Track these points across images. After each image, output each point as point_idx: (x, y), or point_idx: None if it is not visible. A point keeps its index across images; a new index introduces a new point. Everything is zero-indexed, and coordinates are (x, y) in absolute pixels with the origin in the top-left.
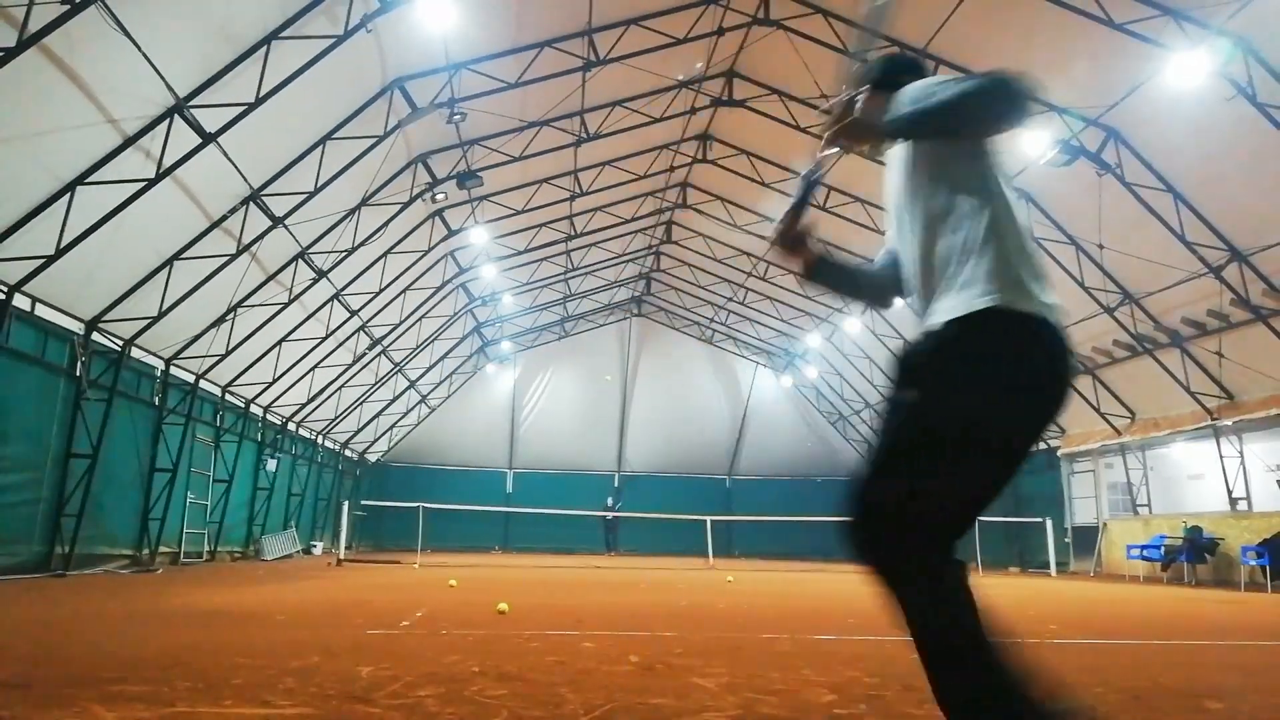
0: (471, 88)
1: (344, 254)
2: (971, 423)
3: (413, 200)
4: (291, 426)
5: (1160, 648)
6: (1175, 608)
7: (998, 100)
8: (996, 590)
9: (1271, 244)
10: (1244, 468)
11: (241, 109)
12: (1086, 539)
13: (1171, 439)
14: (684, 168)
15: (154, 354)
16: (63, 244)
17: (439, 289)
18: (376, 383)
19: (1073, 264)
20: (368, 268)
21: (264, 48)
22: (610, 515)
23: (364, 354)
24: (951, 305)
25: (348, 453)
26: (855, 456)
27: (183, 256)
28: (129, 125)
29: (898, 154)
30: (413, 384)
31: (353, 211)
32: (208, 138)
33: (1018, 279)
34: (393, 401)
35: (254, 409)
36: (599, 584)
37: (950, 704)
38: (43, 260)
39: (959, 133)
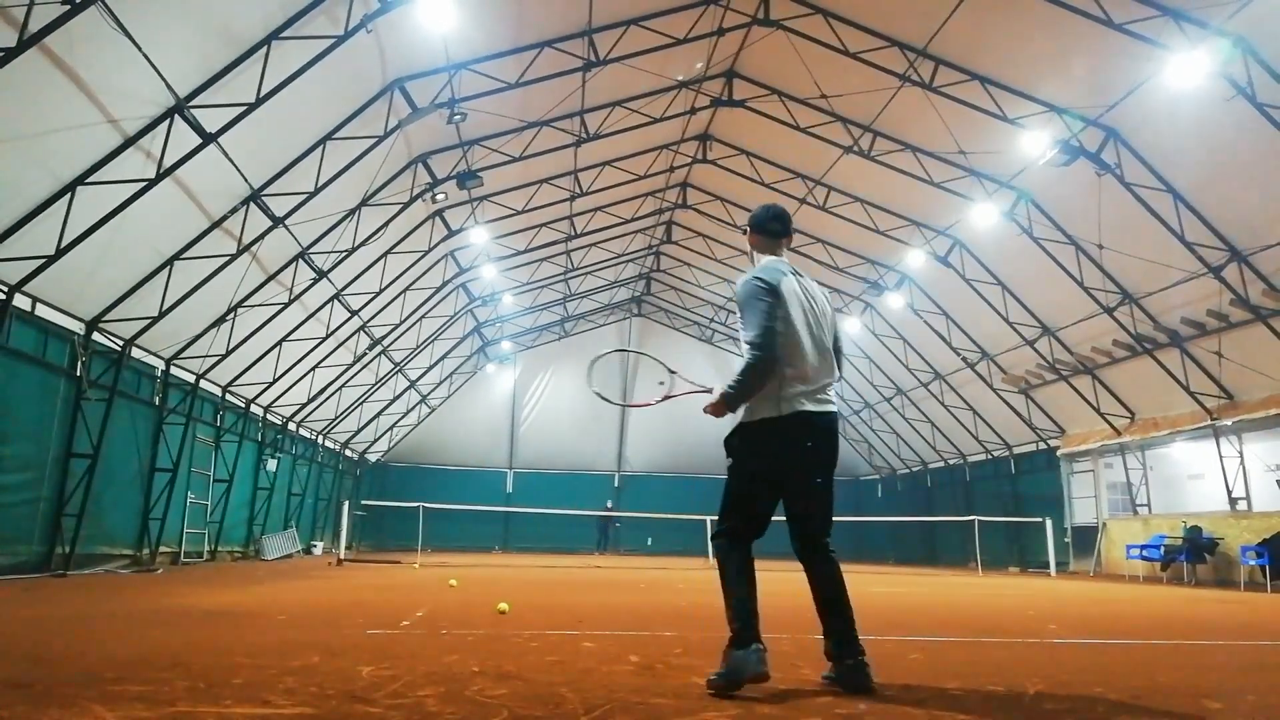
0: (472, 88)
1: (344, 254)
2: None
3: (413, 200)
4: (292, 426)
5: (1160, 648)
6: (1175, 608)
7: (749, 385)
8: (996, 590)
9: (1271, 244)
10: (1243, 467)
11: (242, 109)
12: (1086, 539)
13: (1171, 439)
14: (684, 168)
15: (154, 354)
16: (63, 244)
17: (439, 289)
18: (377, 383)
19: (1072, 264)
20: (368, 268)
21: (264, 48)
22: (608, 514)
23: (364, 354)
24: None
25: (348, 453)
26: (855, 456)
27: (183, 256)
28: (129, 125)
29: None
30: (413, 384)
31: (353, 211)
32: (208, 138)
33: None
34: (393, 401)
35: (254, 409)
36: (599, 584)
37: (850, 625)
38: (43, 260)
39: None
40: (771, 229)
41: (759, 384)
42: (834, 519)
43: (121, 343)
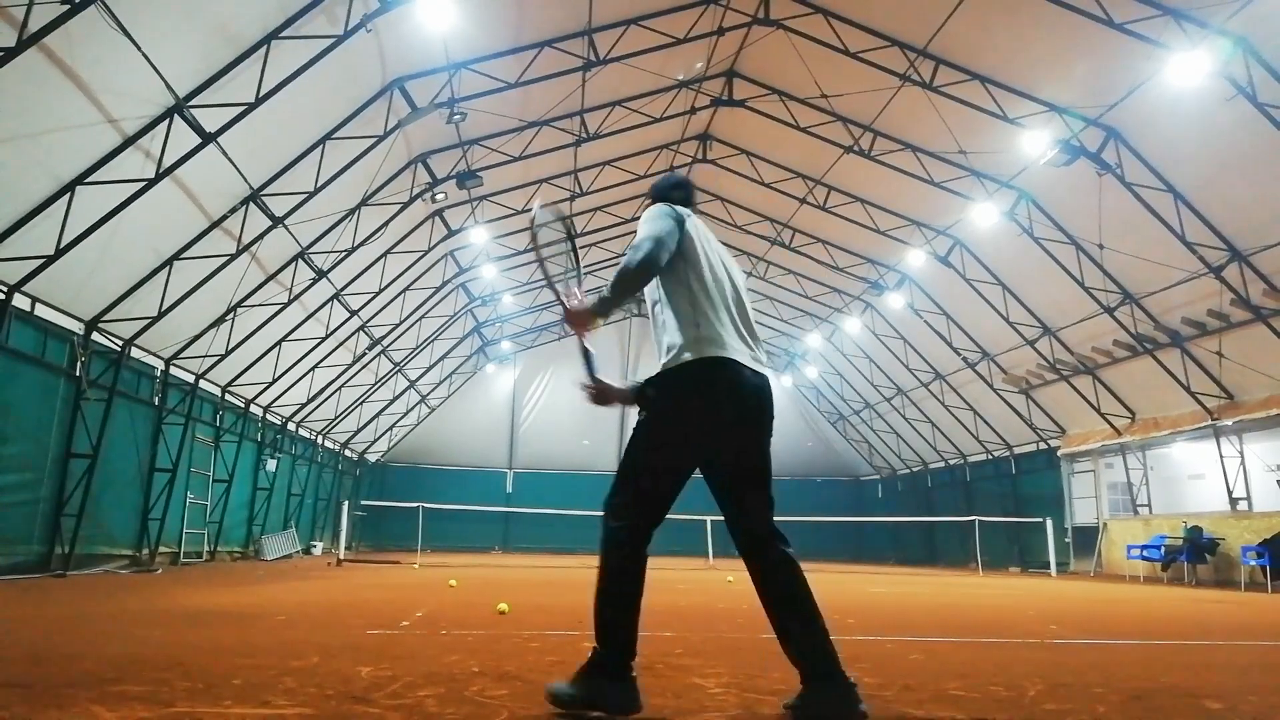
0: (471, 87)
1: (344, 254)
2: (655, 443)
3: (412, 200)
4: (291, 426)
5: (1160, 648)
6: (1175, 608)
7: (629, 278)
8: (997, 590)
9: (1271, 244)
10: (1244, 468)
11: (241, 109)
12: (1087, 539)
13: (1172, 439)
14: (684, 168)
15: (154, 354)
16: (62, 244)
17: (439, 289)
18: (376, 383)
19: (1073, 264)
20: (367, 268)
21: (264, 47)
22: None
23: (364, 354)
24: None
25: (347, 453)
26: (856, 457)
27: (182, 256)
28: (129, 125)
29: None
30: (412, 384)
31: (352, 211)
32: (207, 138)
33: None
34: (392, 401)
35: (254, 409)
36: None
37: (827, 639)
38: (43, 260)
39: (633, 296)
40: (674, 198)
41: (638, 282)
42: (831, 519)
43: (121, 343)
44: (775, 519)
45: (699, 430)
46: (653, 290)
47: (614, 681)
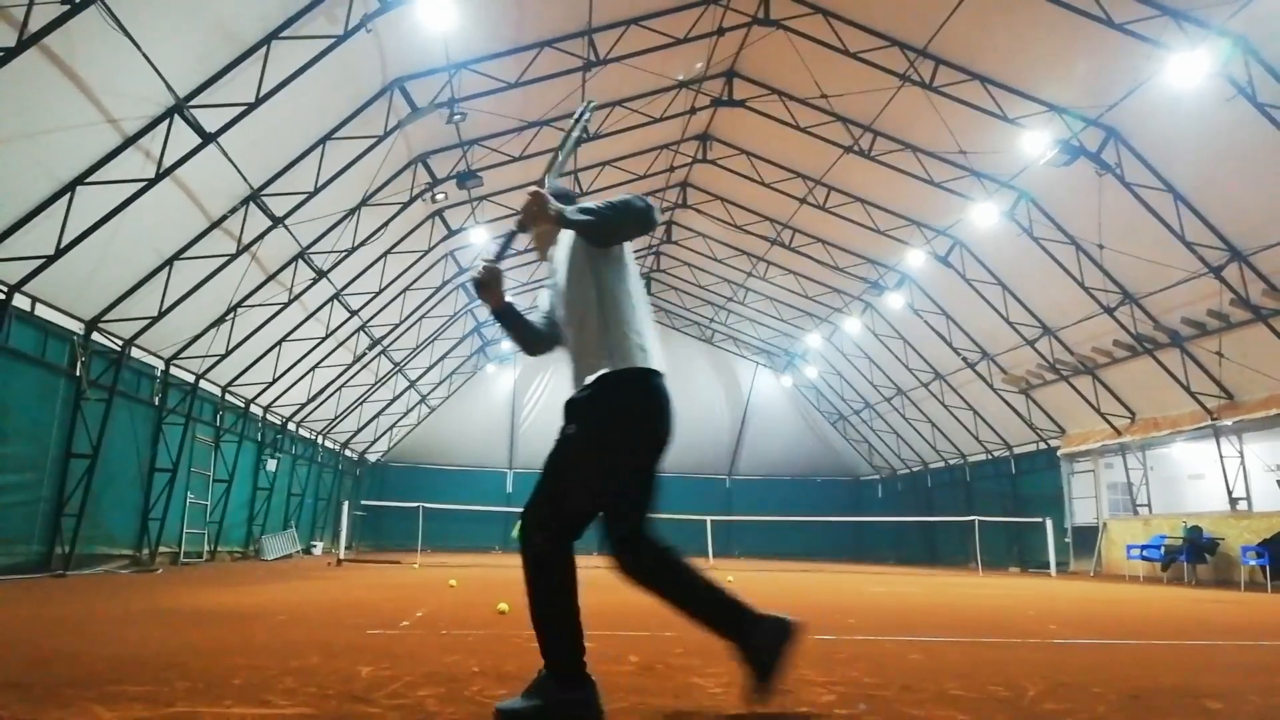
0: (471, 88)
1: (344, 254)
2: (605, 448)
3: (413, 200)
4: (291, 426)
5: (1160, 648)
6: (1175, 608)
7: (627, 217)
8: (997, 590)
9: (1271, 244)
10: (1244, 468)
11: (241, 109)
12: (1086, 539)
13: (1171, 439)
14: (684, 168)
15: (154, 354)
16: (63, 244)
17: (439, 289)
18: (376, 383)
19: (1073, 264)
20: (368, 268)
21: (264, 47)
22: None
23: (364, 354)
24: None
25: (348, 453)
26: (855, 457)
27: (183, 256)
28: (129, 125)
29: (563, 250)
30: (413, 384)
31: (353, 211)
32: (208, 138)
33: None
34: (393, 401)
35: (254, 409)
36: (598, 584)
37: (730, 598)
38: (43, 260)
39: (603, 240)
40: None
41: (626, 227)
42: (831, 519)
43: (121, 343)
44: (776, 518)
45: (644, 438)
46: (586, 291)
47: (580, 689)
